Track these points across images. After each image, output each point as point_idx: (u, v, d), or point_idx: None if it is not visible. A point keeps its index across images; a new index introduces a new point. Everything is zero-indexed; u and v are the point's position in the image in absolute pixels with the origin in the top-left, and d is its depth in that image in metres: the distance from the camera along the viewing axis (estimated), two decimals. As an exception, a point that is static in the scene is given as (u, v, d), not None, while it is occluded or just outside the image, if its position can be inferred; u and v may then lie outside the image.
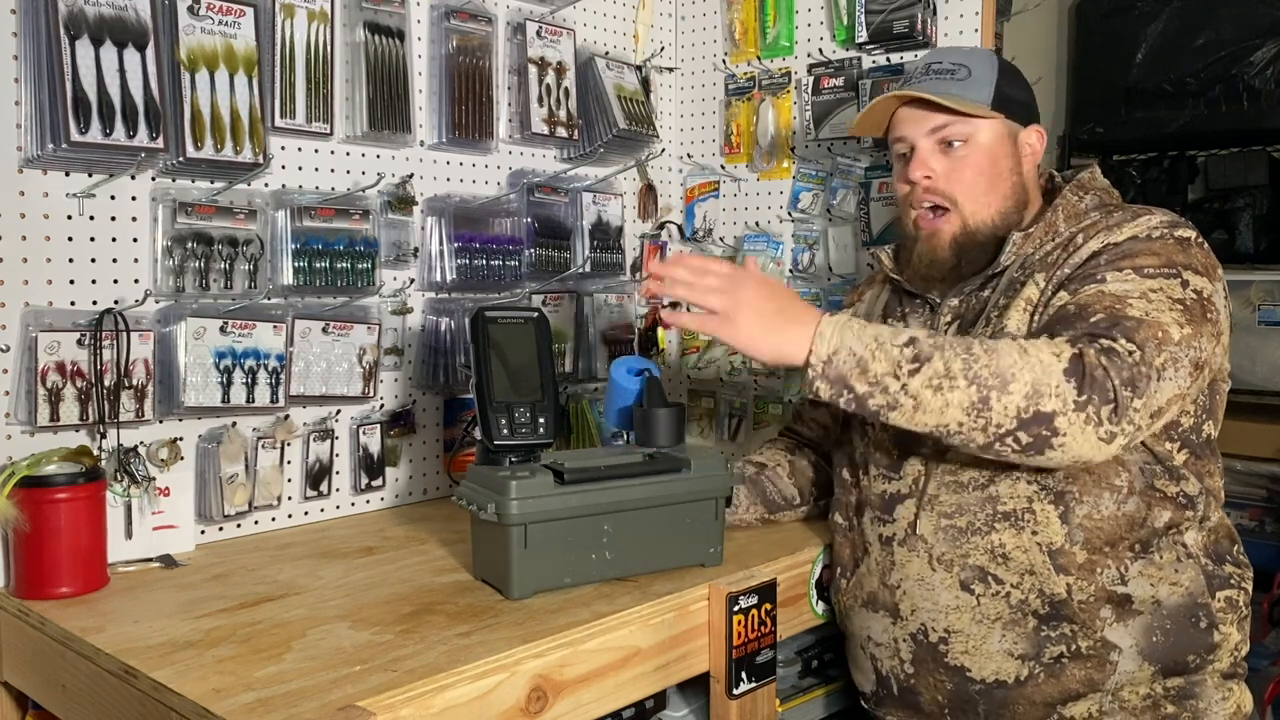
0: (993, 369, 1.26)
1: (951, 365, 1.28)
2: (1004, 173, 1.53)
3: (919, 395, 1.28)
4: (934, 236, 1.54)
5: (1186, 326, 1.31)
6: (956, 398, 1.27)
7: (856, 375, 1.30)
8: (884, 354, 1.30)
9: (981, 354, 1.28)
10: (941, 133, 1.52)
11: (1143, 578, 1.38)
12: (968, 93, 1.50)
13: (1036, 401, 1.25)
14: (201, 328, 1.67)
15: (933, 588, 1.46)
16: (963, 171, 1.51)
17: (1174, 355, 1.29)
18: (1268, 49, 3.28)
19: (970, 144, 1.51)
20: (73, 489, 1.44)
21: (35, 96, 1.51)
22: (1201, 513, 1.42)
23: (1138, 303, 1.32)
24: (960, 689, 1.45)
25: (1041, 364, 1.26)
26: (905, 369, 1.29)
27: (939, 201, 1.52)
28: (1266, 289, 3.11)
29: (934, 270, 1.55)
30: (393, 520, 1.89)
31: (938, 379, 1.27)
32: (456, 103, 2.02)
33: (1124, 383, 1.26)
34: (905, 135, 1.55)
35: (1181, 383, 1.31)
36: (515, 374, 1.48)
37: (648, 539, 1.47)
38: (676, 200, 2.54)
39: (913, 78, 1.56)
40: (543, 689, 1.24)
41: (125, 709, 1.21)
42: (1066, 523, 1.39)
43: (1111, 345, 1.28)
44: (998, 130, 1.52)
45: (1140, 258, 1.36)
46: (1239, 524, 2.94)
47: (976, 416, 1.27)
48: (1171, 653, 1.38)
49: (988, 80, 1.52)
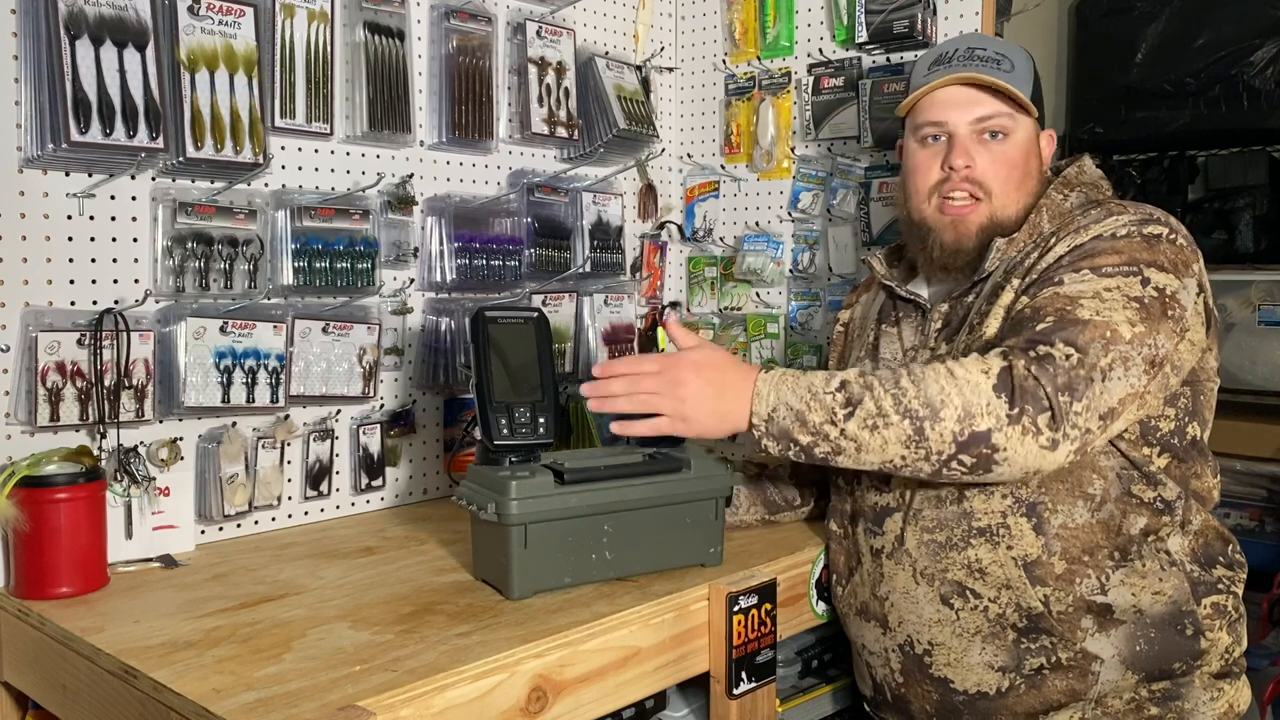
0: (922, 399, 1.28)
1: (882, 403, 1.30)
2: (1032, 171, 1.52)
3: (858, 437, 1.31)
4: (961, 224, 1.51)
5: (1140, 325, 1.30)
6: (893, 434, 1.29)
7: (798, 428, 1.33)
8: (818, 403, 1.33)
9: (910, 386, 1.30)
10: (988, 123, 1.49)
11: (1124, 586, 1.38)
12: (1016, 85, 1.48)
13: (969, 423, 1.26)
14: (201, 328, 1.67)
15: (917, 601, 1.46)
16: (999, 165, 1.49)
17: (1124, 354, 1.29)
18: (1268, 49, 3.28)
19: (1010, 139, 1.50)
20: (73, 489, 1.44)
21: (35, 96, 1.51)
22: (1181, 517, 1.41)
23: (1089, 303, 1.31)
24: (946, 699, 1.46)
25: (970, 384, 1.27)
26: (840, 414, 1.31)
27: (975, 191, 1.50)
28: (1266, 289, 3.10)
29: (956, 259, 1.52)
30: (393, 520, 1.89)
31: (871, 418, 1.30)
32: (456, 103, 2.02)
33: (1059, 388, 1.26)
34: (945, 120, 1.51)
35: (1135, 381, 1.30)
36: (515, 374, 1.48)
37: (648, 539, 1.47)
38: (676, 200, 2.54)
39: (954, 60, 1.51)
40: (543, 689, 1.24)
41: (125, 709, 1.21)
42: (1042, 533, 1.38)
43: (1048, 352, 1.28)
44: (1030, 129, 1.52)
45: (1101, 257, 1.36)
46: (1239, 524, 2.94)
47: (915, 448, 1.29)
48: (1156, 661, 1.38)
49: (1026, 76, 1.51)
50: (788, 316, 2.37)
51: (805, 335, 2.34)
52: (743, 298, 2.44)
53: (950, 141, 1.51)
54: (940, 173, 1.52)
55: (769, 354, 2.39)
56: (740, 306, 2.45)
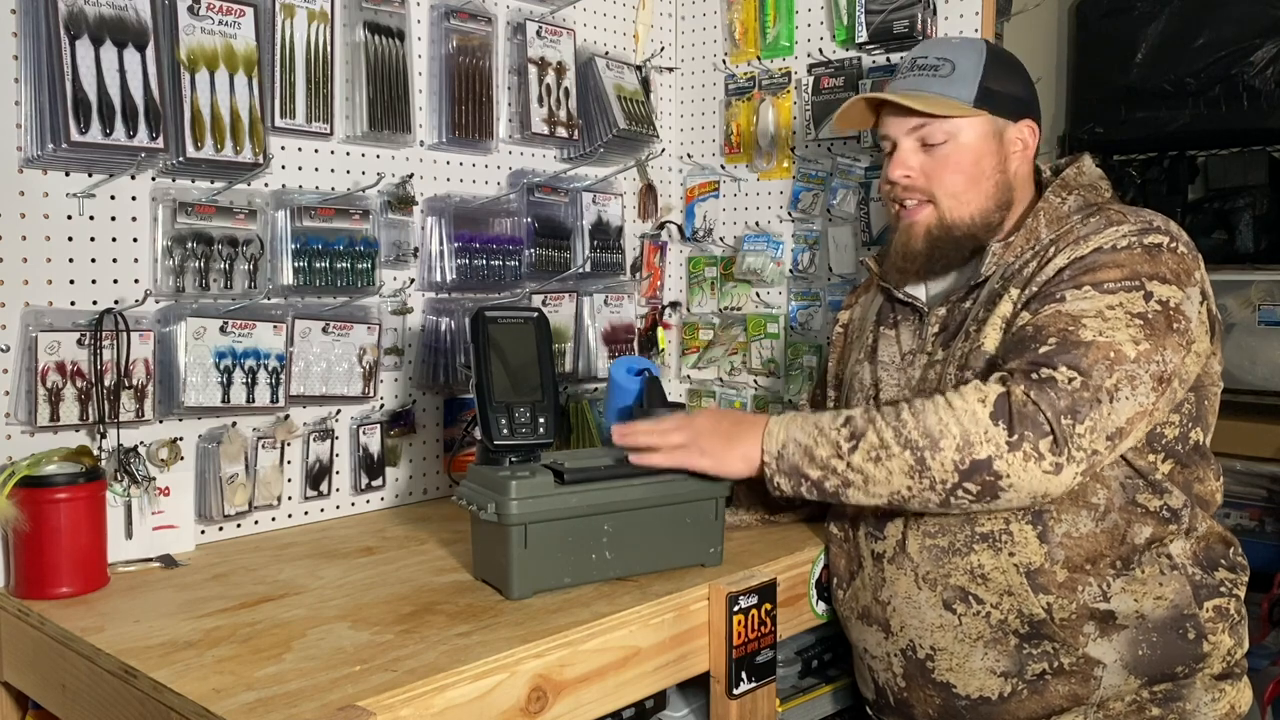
0: (922, 430, 1.31)
1: (884, 435, 1.33)
2: (986, 171, 1.51)
3: (864, 469, 1.34)
4: (910, 228, 1.54)
5: (1145, 342, 1.30)
6: (896, 465, 1.32)
7: (806, 463, 1.38)
8: (824, 438, 1.37)
9: (910, 418, 1.33)
10: (920, 132, 1.51)
11: (1126, 593, 1.37)
12: (949, 90, 1.48)
13: (969, 451, 1.28)
14: (201, 328, 1.67)
15: (919, 606, 1.46)
16: (942, 170, 1.50)
17: (1130, 374, 1.29)
18: (1268, 49, 3.28)
19: (951, 143, 1.50)
20: (73, 489, 1.44)
21: (35, 96, 1.51)
22: (1187, 524, 1.41)
23: (1092, 323, 1.31)
24: (948, 704, 1.46)
25: (968, 413, 1.29)
26: (845, 447, 1.35)
27: (918, 198, 1.53)
28: (1266, 289, 3.10)
29: (907, 263, 1.55)
30: (393, 520, 1.89)
31: (874, 450, 1.33)
32: (456, 103, 2.02)
33: (1061, 412, 1.26)
34: (888, 133, 1.55)
35: (1143, 400, 1.30)
36: (515, 374, 1.48)
37: (648, 539, 1.47)
38: (676, 200, 2.54)
39: (899, 73, 1.56)
40: (543, 689, 1.24)
41: (125, 709, 1.21)
42: (1045, 542, 1.38)
43: (1050, 375, 1.28)
44: (981, 128, 1.50)
45: (1102, 271, 1.35)
46: (1239, 524, 2.94)
47: (919, 478, 1.31)
48: (1159, 664, 1.38)
49: (972, 76, 1.49)
50: (788, 316, 2.37)
51: (805, 335, 2.34)
52: (743, 298, 2.44)
53: (894, 151, 1.54)
54: (889, 184, 1.56)
55: (769, 354, 2.39)
56: (740, 306, 2.45)
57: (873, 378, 1.60)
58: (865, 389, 1.61)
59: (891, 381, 1.57)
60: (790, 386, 2.34)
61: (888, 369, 1.58)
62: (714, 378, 2.49)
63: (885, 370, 1.58)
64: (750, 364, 2.41)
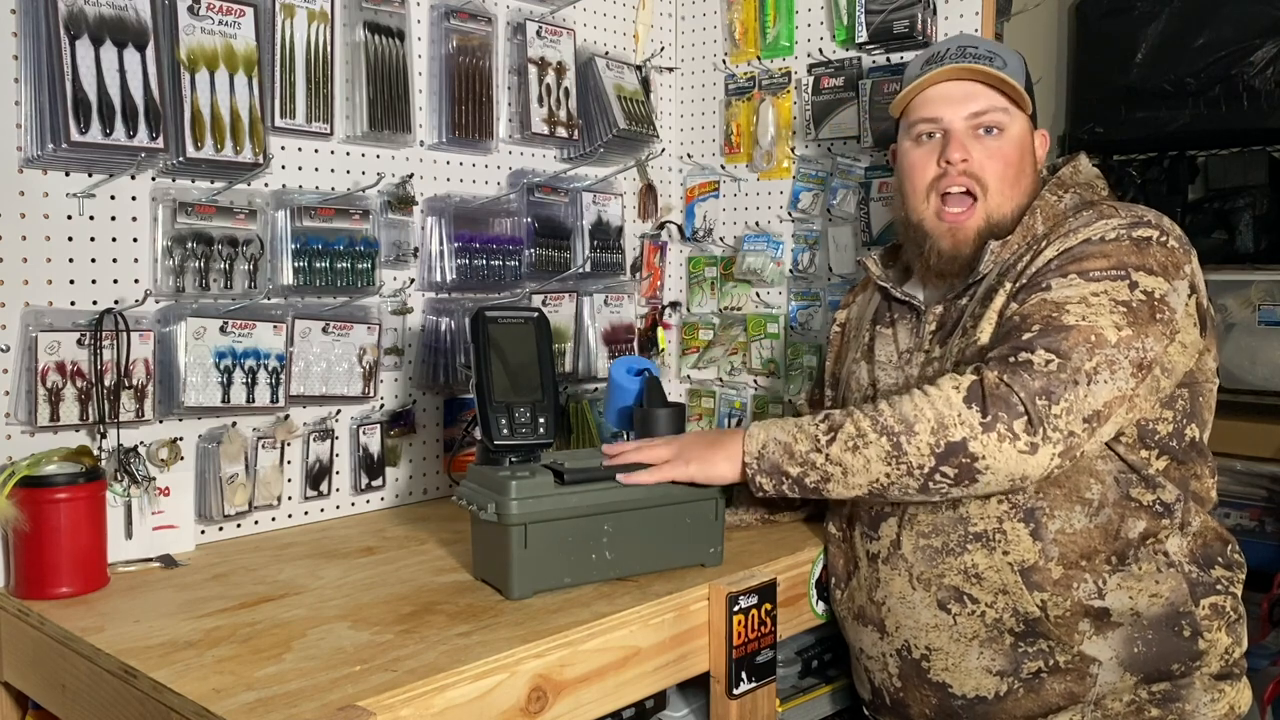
0: (897, 416, 1.33)
1: (861, 424, 1.35)
2: (1027, 169, 1.52)
3: (842, 460, 1.35)
4: (959, 231, 1.50)
5: (1127, 328, 1.31)
6: (873, 452, 1.33)
7: (786, 460, 1.40)
8: (803, 434, 1.39)
9: (887, 407, 1.35)
10: (983, 118, 1.49)
11: (1121, 590, 1.37)
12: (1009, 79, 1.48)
13: (944, 434, 1.30)
14: (201, 328, 1.67)
15: (914, 606, 1.46)
16: (995, 160, 1.49)
17: (1110, 358, 1.29)
18: (1268, 49, 3.27)
19: (1005, 134, 1.50)
20: (73, 489, 1.44)
21: (35, 96, 1.51)
22: (1181, 519, 1.41)
23: (1076, 308, 1.32)
24: (944, 704, 1.46)
25: (942, 398, 1.31)
26: (823, 440, 1.37)
27: (972, 187, 1.49)
28: (1266, 289, 3.10)
29: (953, 265, 1.52)
30: (393, 520, 1.89)
31: (851, 440, 1.35)
32: (456, 103, 2.02)
33: (1036, 393, 1.27)
34: (940, 116, 1.50)
35: (1122, 385, 1.30)
36: (515, 374, 1.48)
37: (648, 539, 1.47)
38: (676, 200, 2.54)
39: (946, 58, 1.51)
40: (543, 689, 1.24)
41: (125, 709, 1.21)
42: (1039, 539, 1.38)
43: (1027, 358, 1.29)
44: (1025, 126, 1.52)
45: (1089, 261, 1.36)
46: (1239, 524, 2.94)
47: (896, 464, 1.32)
48: (1154, 662, 1.38)
49: (1019, 75, 1.51)
50: (788, 316, 2.37)
51: (805, 335, 2.33)
52: (743, 298, 2.44)
53: (946, 137, 1.51)
54: (936, 168, 1.51)
55: (769, 354, 2.39)
56: (740, 306, 2.45)
57: (870, 377, 1.60)
58: (862, 388, 1.61)
59: (889, 380, 1.57)
60: (790, 386, 2.34)
61: (885, 368, 1.58)
62: (714, 378, 2.49)
63: (882, 369, 1.58)
64: (750, 364, 2.41)
